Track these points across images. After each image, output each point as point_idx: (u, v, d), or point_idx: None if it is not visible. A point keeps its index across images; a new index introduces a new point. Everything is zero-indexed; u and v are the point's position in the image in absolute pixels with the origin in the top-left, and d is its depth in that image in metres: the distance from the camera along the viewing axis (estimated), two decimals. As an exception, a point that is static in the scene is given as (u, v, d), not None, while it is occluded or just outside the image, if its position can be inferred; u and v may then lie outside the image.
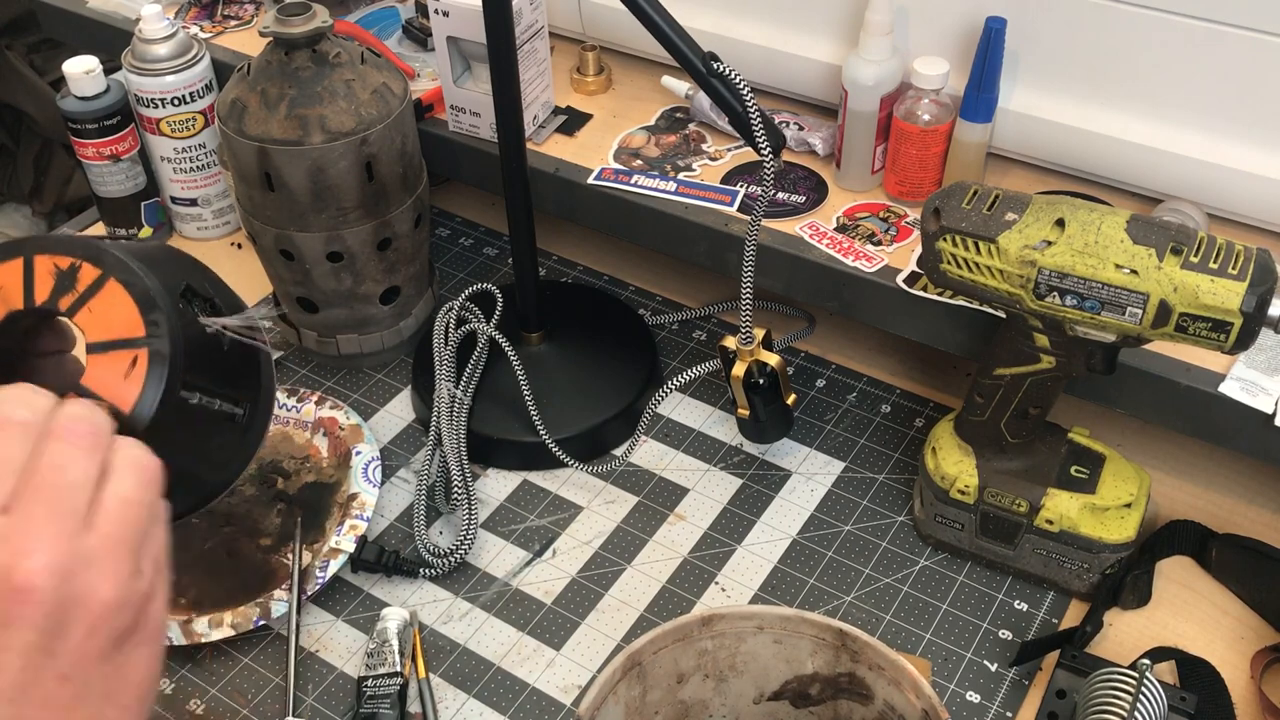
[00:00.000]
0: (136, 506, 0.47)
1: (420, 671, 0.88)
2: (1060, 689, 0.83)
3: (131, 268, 0.54)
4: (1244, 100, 0.90)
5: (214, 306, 0.58)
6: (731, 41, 1.09)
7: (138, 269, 0.54)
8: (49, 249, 0.54)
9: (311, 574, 0.92)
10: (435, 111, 1.15)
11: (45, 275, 0.54)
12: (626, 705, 0.72)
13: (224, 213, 1.26)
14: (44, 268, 0.54)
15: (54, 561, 0.43)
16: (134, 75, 1.15)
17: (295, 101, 0.96)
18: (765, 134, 0.85)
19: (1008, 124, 1.00)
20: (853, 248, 0.98)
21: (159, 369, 0.53)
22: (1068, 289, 0.76)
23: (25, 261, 0.54)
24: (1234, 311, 0.72)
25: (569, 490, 1.02)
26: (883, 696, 0.71)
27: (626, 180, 1.06)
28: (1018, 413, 0.85)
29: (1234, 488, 0.98)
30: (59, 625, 0.43)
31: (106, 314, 0.54)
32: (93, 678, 0.45)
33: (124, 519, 0.46)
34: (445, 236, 1.28)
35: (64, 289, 0.54)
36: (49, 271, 0.54)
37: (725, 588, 0.93)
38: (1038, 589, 0.92)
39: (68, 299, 0.54)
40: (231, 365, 0.58)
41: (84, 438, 0.47)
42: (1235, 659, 0.86)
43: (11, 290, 0.54)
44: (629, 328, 1.13)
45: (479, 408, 1.05)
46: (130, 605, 0.46)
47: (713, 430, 1.06)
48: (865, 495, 0.99)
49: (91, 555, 0.45)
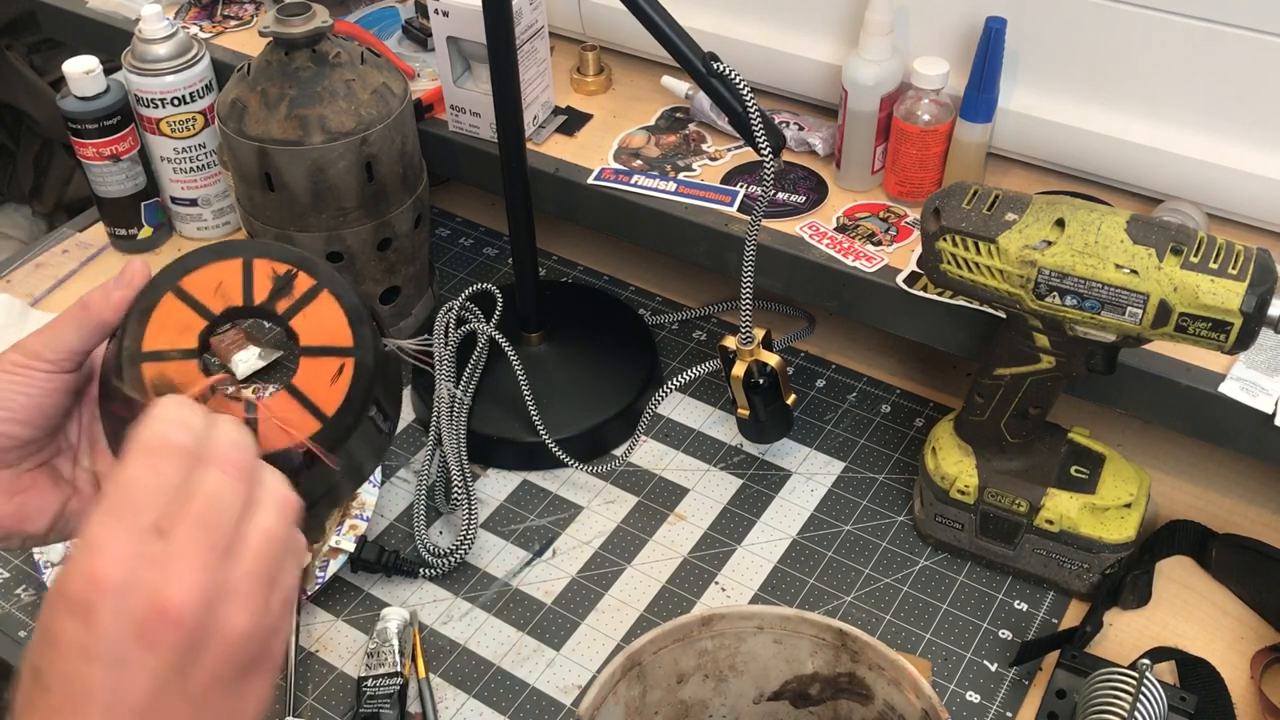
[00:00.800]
0: (276, 542, 0.48)
1: (420, 671, 0.88)
2: (1060, 689, 0.83)
3: (342, 282, 0.58)
4: (1244, 100, 0.90)
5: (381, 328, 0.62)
6: (731, 41, 1.09)
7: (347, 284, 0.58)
8: (268, 254, 0.57)
9: (311, 574, 0.92)
10: (435, 111, 1.15)
11: (264, 279, 0.57)
12: (626, 705, 0.72)
13: (224, 213, 1.26)
14: (262, 271, 0.57)
15: (201, 590, 0.44)
16: (134, 75, 1.15)
17: (295, 101, 0.96)
18: (765, 134, 0.85)
19: (1008, 124, 1.00)
20: (853, 248, 0.98)
21: (362, 379, 0.56)
22: (1068, 289, 0.76)
23: (245, 263, 0.57)
24: (1234, 311, 0.72)
25: (569, 490, 1.02)
26: (883, 696, 0.71)
27: (626, 180, 1.06)
28: (1018, 413, 0.85)
29: (1234, 488, 0.98)
30: (194, 652, 0.44)
31: (320, 322, 0.57)
32: (213, 704, 0.46)
33: (264, 553, 0.47)
34: (445, 236, 1.28)
35: (281, 293, 0.57)
36: (267, 275, 0.57)
37: (725, 588, 0.93)
38: (1038, 589, 0.92)
39: (284, 302, 0.57)
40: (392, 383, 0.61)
41: (237, 466, 0.47)
42: (1235, 659, 0.86)
43: (231, 287, 0.57)
44: (629, 328, 1.13)
45: (479, 408, 1.05)
46: (258, 639, 0.47)
47: (713, 430, 1.06)
48: (865, 495, 0.99)
49: (233, 587, 0.46)
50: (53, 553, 0.94)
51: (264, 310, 0.57)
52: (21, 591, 0.95)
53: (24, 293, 1.20)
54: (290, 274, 0.57)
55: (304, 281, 0.57)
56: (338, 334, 0.57)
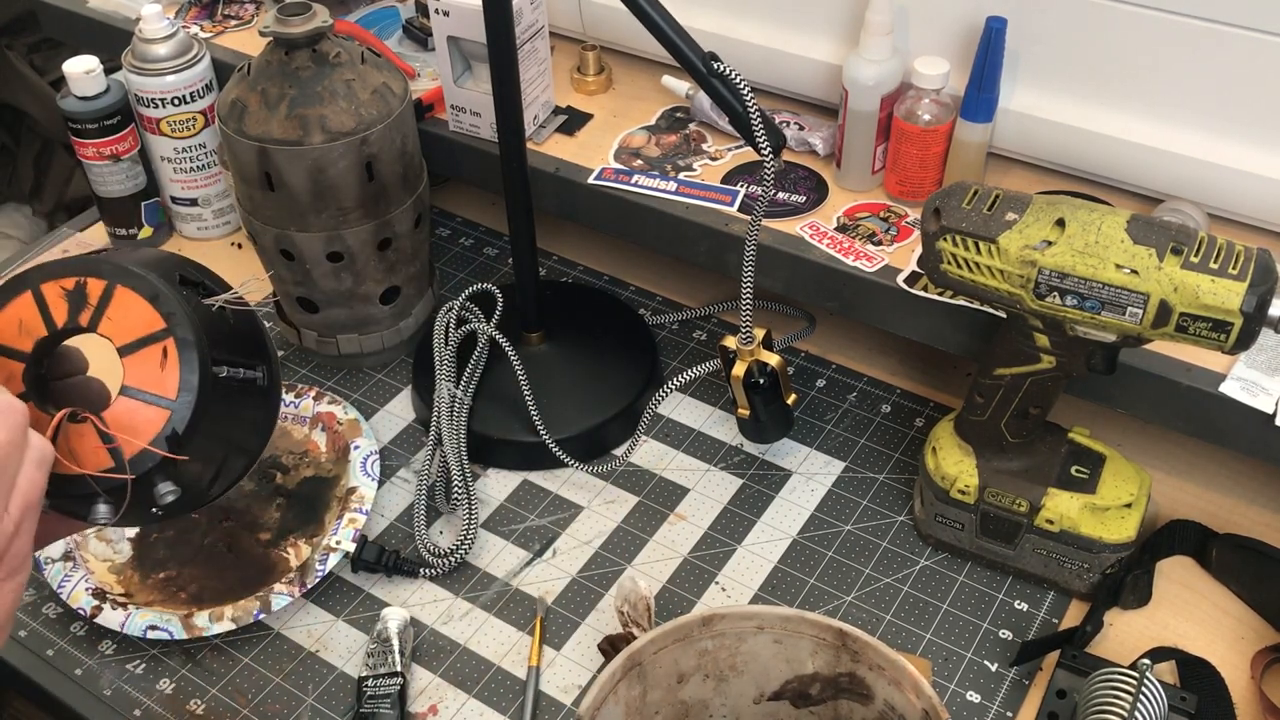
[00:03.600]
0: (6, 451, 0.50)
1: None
2: (1060, 689, 0.83)
3: (132, 270, 0.58)
4: (1244, 100, 0.90)
5: (207, 289, 0.62)
6: (731, 41, 1.09)
7: (138, 270, 0.58)
8: (51, 275, 0.58)
9: (311, 568, 0.92)
10: (435, 111, 1.15)
11: (57, 299, 0.58)
12: (626, 705, 0.72)
13: (224, 213, 1.26)
14: (53, 293, 0.58)
15: None
16: (134, 75, 1.15)
17: (295, 101, 0.96)
18: (765, 134, 0.85)
19: (1008, 124, 1.00)
20: (853, 248, 0.98)
21: (189, 352, 0.57)
22: (1068, 289, 0.76)
23: (34, 292, 0.58)
24: (1234, 311, 0.72)
25: (569, 490, 1.02)
26: (883, 696, 0.71)
27: (627, 180, 1.06)
28: (1018, 413, 0.85)
29: (1234, 488, 0.98)
30: None
31: (125, 318, 0.57)
32: None
33: None
34: (445, 236, 1.28)
35: (78, 307, 0.57)
36: (59, 295, 0.58)
37: (725, 588, 0.93)
38: (1038, 589, 0.92)
39: (85, 314, 0.57)
40: (240, 336, 0.62)
41: None
42: (1235, 659, 0.86)
43: (31, 321, 0.58)
44: (629, 328, 1.13)
45: (479, 408, 1.05)
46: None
47: (713, 430, 1.06)
48: (865, 495, 0.99)
49: None
50: (54, 550, 0.94)
51: (70, 330, 0.58)
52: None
53: (24, 293, 1.20)
54: (80, 284, 0.58)
55: (95, 286, 0.58)
56: (148, 322, 0.57)
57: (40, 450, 0.53)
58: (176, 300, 0.58)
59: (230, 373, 0.60)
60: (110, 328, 0.57)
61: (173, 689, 0.88)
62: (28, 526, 0.53)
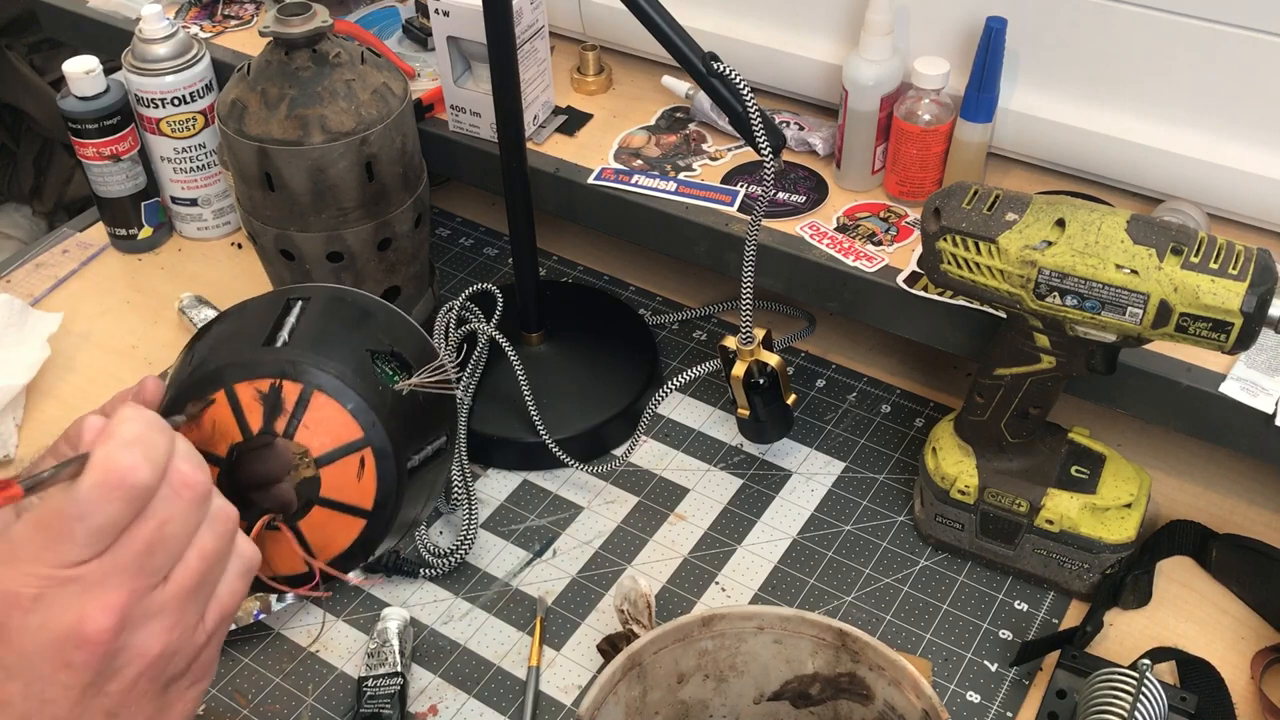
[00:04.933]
0: (212, 559, 0.50)
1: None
2: (1060, 689, 0.83)
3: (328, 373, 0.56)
4: (1244, 100, 0.90)
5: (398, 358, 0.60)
6: (731, 41, 1.09)
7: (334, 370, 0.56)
8: (246, 375, 0.56)
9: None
10: (435, 111, 1.15)
11: (251, 402, 0.56)
12: (626, 705, 0.72)
13: (224, 213, 1.26)
14: (247, 395, 0.56)
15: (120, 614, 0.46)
16: (134, 75, 1.15)
17: (295, 101, 0.96)
18: (765, 134, 0.85)
19: (1008, 124, 1.00)
20: (853, 248, 0.98)
21: (386, 462, 0.56)
22: (1068, 289, 0.76)
23: (228, 393, 0.56)
24: (1234, 311, 0.72)
25: (569, 490, 1.02)
26: (883, 696, 0.71)
27: (627, 180, 1.06)
28: (1018, 413, 0.85)
29: (1234, 488, 0.98)
30: (111, 669, 0.47)
31: (321, 424, 0.56)
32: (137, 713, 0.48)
33: (198, 572, 0.49)
34: (445, 236, 1.28)
35: (274, 412, 0.56)
36: (254, 398, 0.56)
37: (725, 588, 0.93)
38: (1038, 589, 0.92)
39: (281, 421, 0.56)
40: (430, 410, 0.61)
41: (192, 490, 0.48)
42: (1235, 659, 0.86)
43: (225, 423, 0.56)
44: (629, 328, 1.13)
45: (479, 408, 1.05)
46: (184, 654, 0.49)
47: (713, 430, 1.06)
48: (865, 495, 0.99)
49: (159, 609, 0.48)
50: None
51: (265, 436, 0.56)
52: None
53: (24, 293, 1.20)
54: (275, 387, 0.56)
55: (291, 390, 0.56)
56: (345, 430, 0.56)
57: (247, 560, 0.52)
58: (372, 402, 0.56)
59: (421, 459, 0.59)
60: (307, 436, 0.56)
61: (173, 689, 0.88)
62: (220, 636, 0.52)
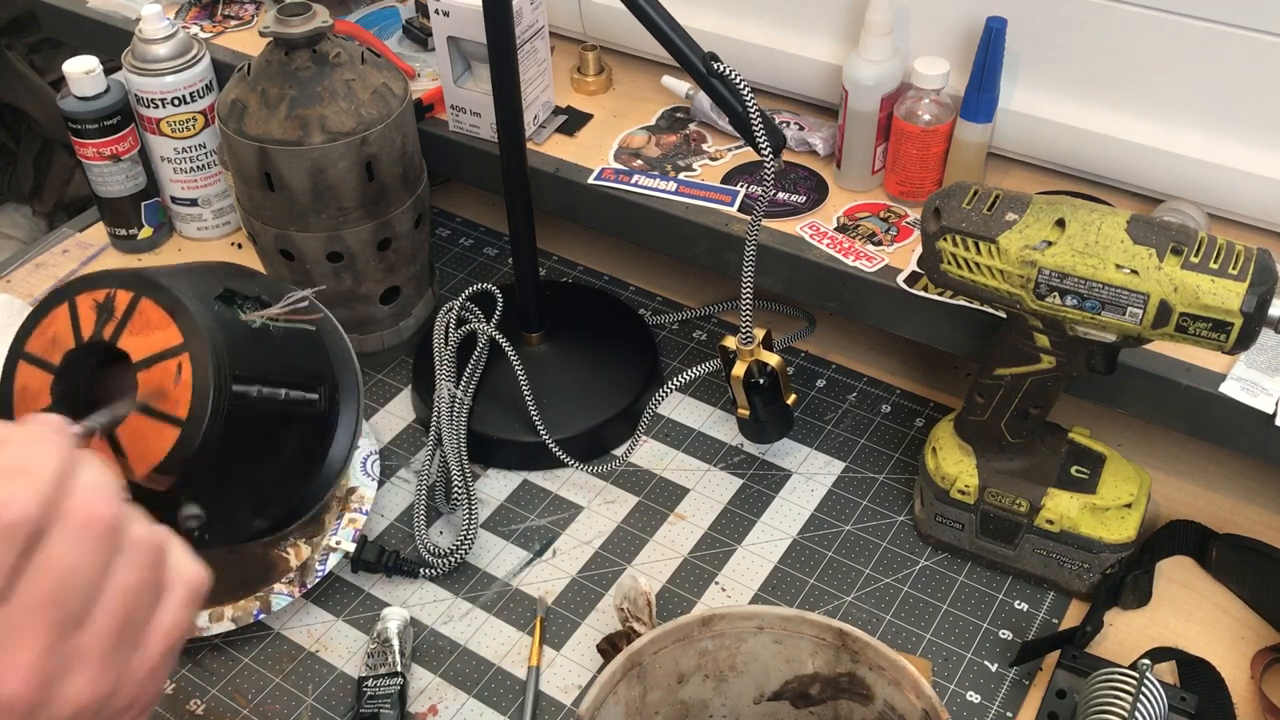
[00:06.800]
0: (136, 594, 0.44)
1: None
2: (1060, 689, 0.83)
3: (159, 283, 0.56)
4: (1244, 100, 0.90)
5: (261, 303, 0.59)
6: (731, 41, 1.09)
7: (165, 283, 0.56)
8: (89, 286, 0.57)
9: (311, 568, 0.92)
10: (435, 111, 1.15)
11: (88, 311, 0.56)
12: (626, 705, 0.72)
13: (224, 213, 1.26)
14: (85, 305, 0.57)
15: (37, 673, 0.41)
16: (134, 75, 1.15)
17: (295, 101, 0.96)
18: (765, 134, 0.85)
19: (1008, 124, 1.00)
20: (853, 248, 0.98)
21: (203, 368, 0.54)
22: (1068, 289, 0.76)
23: (69, 304, 0.57)
24: (1234, 312, 0.72)
25: (569, 490, 1.02)
26: (883, 696, 0.71)
27: (627, 180, 1.06)
28: (1018, 413, 0.85)
29: (1234, 488, 0.98)
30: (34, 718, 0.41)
31: (146, 332, 0.56)
32: None
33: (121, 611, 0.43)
34: (445, 236, 1.28)
35: (105, 319, 0.56)
36: (90, 307, 0.56)
37: (725, 588, 0.93)
38: (1038, 589, 0.92)
39: (109, 327, 0.56)
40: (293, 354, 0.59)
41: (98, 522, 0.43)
42: (1235, 659, 0.86)
43: (63, 333, 0.57)
44: (629, 328, 1.13)
45: (479, 408, 1.05)
46: (124, 693, 0.44)
47: (713, 430, 1.06)
48: (865, 495, 0.99)
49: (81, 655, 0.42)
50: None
51: (95, 343, 0.56)
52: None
53: (24, 293, 1.20)
54: (110, 296, 0.56)
55: (123, 298, 0.56)
56: (167, 337, 0.55)
57: (191, 584, 0.46)
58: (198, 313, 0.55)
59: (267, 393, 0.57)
60: (131, 342, 0.55)
61: (172, 689, 0.88)
62: (166, 665, 0.46)
